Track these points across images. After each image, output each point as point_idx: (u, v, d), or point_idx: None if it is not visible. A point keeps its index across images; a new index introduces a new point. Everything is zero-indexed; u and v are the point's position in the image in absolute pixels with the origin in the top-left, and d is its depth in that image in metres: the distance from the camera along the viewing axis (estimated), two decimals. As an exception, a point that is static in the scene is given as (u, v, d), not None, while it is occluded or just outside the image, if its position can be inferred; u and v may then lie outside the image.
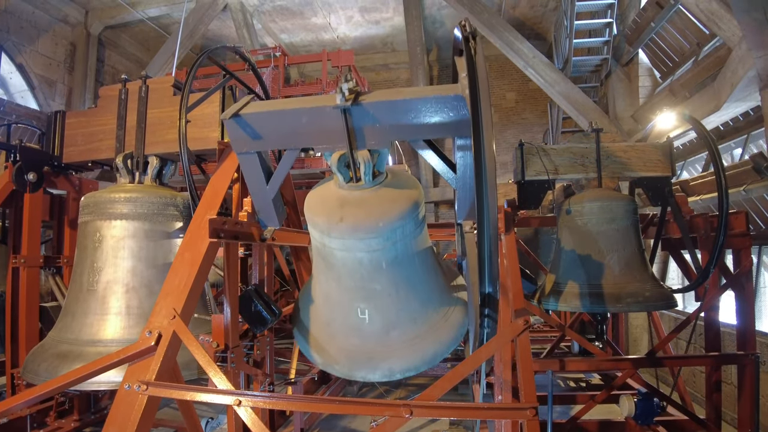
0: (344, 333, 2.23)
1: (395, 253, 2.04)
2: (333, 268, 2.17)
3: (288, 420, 5.07)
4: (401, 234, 2.01)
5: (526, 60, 9.55)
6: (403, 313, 2.13)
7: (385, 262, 2.04)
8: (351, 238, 2.00)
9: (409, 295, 2.13)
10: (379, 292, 2.12)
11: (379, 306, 2.14)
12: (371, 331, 2.15)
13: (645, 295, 3.38)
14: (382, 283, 2.11)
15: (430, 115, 1.85)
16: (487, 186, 1.43)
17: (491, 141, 1.43)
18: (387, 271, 2.06)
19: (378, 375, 2.15)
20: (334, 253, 2.11)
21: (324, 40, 13.92)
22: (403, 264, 2.08)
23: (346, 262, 2.10)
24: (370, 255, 2.02)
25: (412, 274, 2.13)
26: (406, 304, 2.13)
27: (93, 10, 11.60)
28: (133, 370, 2.43)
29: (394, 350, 2.13)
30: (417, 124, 1.88)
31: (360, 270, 2.08)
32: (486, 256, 1.46)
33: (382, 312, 2.15)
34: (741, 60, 5.06)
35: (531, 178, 3.96)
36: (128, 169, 3.65)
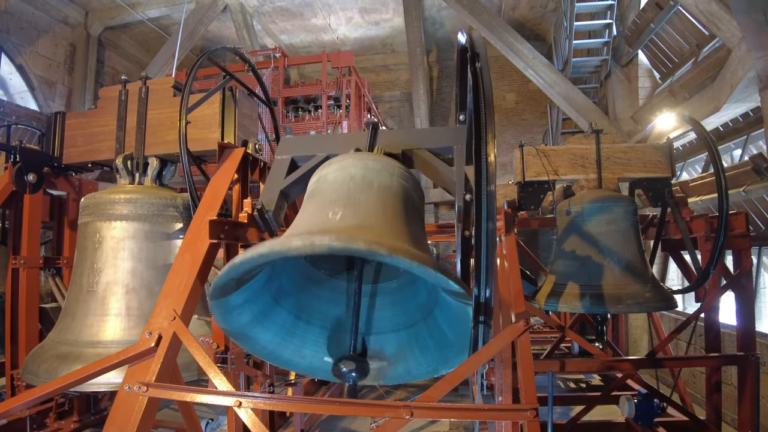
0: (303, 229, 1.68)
1: (390, 183, 1.86)
2: (318, 192, 1.88)
3: (288, 421, 5.06)
4: (400, 173, 1.92)
5: (525, 61, 9.56)
6: (384, 225, 1.67)
7: (377, 184, 1.82)
8: (350, 157, 1.93)
9: (397, 219, 1.73)
10: (363, 202, 1.73)
11: (358, 212, 1.69)
12: (339, 225, 1.62)
13: (645, 296, 3.38)
14: (368, 197, 1.76)
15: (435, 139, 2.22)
16: (485, 197, 1.45)
17: (493, 159, 1.48)
18: (377, 191, 1.80)
19: (328, 239, 1.40)
20: (326, 178, 1.89)
21: (324, 41, 13.94)
22: (397, 198, 1.83)
23: (336, 180, 1.85)
24: (364, 172, 1.86)
25: (404, 212, 1.79)
26: (391, 223, 1.70)
27: (93, 11, 11.61)
28: (133, 371, 2.42)
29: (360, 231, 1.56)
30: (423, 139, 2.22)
31: (349, 183, 1.81)
32: (483, 263, 1.46)
33: (360, 217, 1.67)
34: (740, 61, 5.06)
35: (531, 179, 3.97)
36: (128, 170, 3.65)
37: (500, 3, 11.88)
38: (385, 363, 1.96)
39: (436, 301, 1.85)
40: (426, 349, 1.92)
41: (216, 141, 3.57)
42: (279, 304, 1.96)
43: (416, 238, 1.70)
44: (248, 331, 1.88)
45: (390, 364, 1.97)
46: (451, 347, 1.83)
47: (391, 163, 1.94)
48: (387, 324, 2.03)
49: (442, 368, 1.90)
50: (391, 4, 12.22)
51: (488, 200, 1.47)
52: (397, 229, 1.66)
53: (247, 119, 3.89)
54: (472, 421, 4.49)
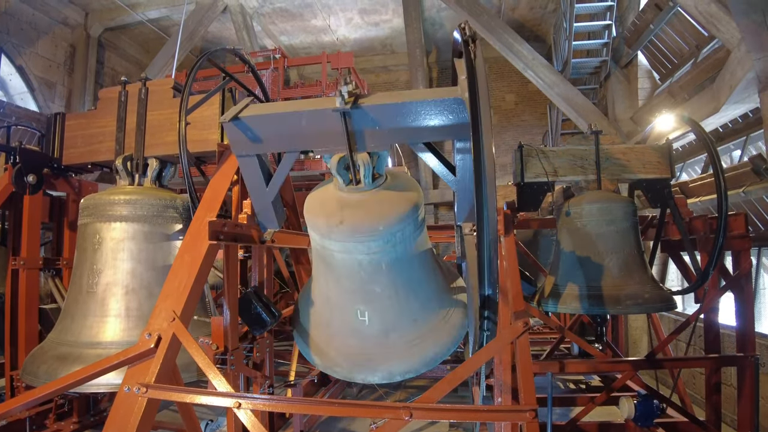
0: (344, 334, 2.22)
1: (395, 255, 2.03)
2: (333, 270, 2.17)
3: (288, 422, 5.06)
4: (401, 236, 2.01)
5: (525, 62, 9.56)
6: (402, 315, 2.12)
7: (384, 264, 2.03)
8: (351, 240, 2.00)
9: (409, 296, 2.12)
10: (379, 294, 2.11)
11: (378, 308, 2.13)
12: (371, 333, 2.14)
13: (644, 296, 3.38)
14: (381, 285, 2.10)
15: (429, 117, 1.85)
16: (486, 189, 1.43)
17: (490, 144, 1.43)
18: (387, 273, 2.06)
19: (378, 377, 2.14)
20: (333, 255, 2.11)
21: (323, 42, 13.94)
22: (403, 266, 2.08)
23: (346, 264, 2.09)
24: (369, 257, 2.01)
25: (412, 276, 2.12)
26: (406, 305, 2.12)
27: (93, 12, 11.61)
28: (132, 372, 2.42)
29: (393, 352, 2.11)
30: (416, 126, 1.88)
31: (360, 272, 2.07)
32: (485, 259, 1.46)
33: (382, 314, 2.14)
34: (740, 62, 5.07)
35: (530, 180, 3.97)
36: (128, 171, 3.65)
37: (500, 4, 11.89)
38: None
39: None
40: None
41: (216, 142, 3.58)
42: None
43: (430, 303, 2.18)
44: None
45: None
46: None
47: (390, 230, 1.98)
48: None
49: None
50: (390, 5, 12.23)
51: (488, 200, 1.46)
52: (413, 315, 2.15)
53: (247, 120, 3.89)
54: (471, 422, 4.49)
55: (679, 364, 4.57)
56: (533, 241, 6.93)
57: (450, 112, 1.83)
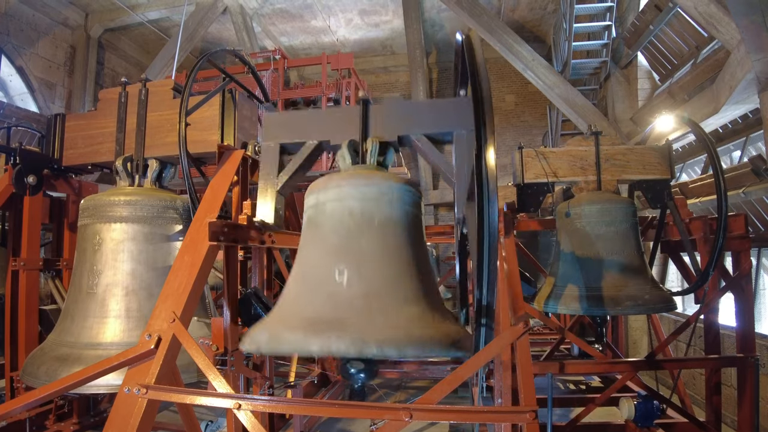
0: (311, 299, 1.77)
1: (390, 212, 1.88)
2: (318, 226, 1.94)
3: (288, 423, 5.06)
4: (398, 195, 1.92)
5: (525, 63, 9.57)
6: (390, 280, 1.75)
7: (377, 220, 1.86)
8: (347, 185, 1.92)
9: (401, 264, 1.79)
10: (365, 250, 1.80)
11: (363, 269, 1.76)
12: (347, 296, 1.69)
13: (644, 297, 3.39)
14: (370, 240, 1.82)
15: (432, 114, 2.14)
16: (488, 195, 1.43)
17: (492, 149, 1.46)
18: (378, 229, 1.85)
19: (344, 344, 1.52)
20: (324, 208, 1.95)
21: (323, 43, 13.95)
22: (397, 230, 1.87)
23: (335, 215, 1.90)
24: (362, 205, 1.87)
25: (406, 246, 1.86)
26: (397, 271, 1.77)
27: (93, 13, 11.62)
28: (132, 373, 2.42)
29: (372, 316, 1.64)
30: (420, 120, 2.15)
31: (349, 222, 1.86)
32: (484, 264, 1.45)
33: (366, 275, 1.74)
34: (739, 63, 5.07)
35: (530, 181, 3.97)
36: (128, 172, 3.65)
37: (500, 5, 11.90)
38: None
39: None
40: None
41: (216, 143, 3.58)
42: None
43: (421, 283, 1.79)
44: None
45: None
46: None
47: (389, 185, 1.93)
48: None
49: None
50: (390, 6, 12.24)
51: (489, 205, 1.46)
52: (403, 285, 1.75)
53: (247, 121, 3.90)
54: (471, 423, 4.49)
55: (679, 364, 4.57)
56: (533, 242, 6.93)
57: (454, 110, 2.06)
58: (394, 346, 1.51)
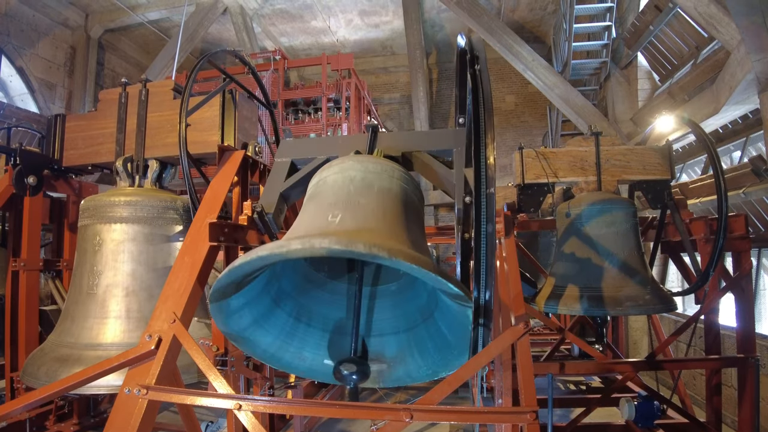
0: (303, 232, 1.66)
1: (390, 185, 1.89)
2: (318, 195, 1.89)
3: (288, 423, 5.06)
4: (399, 175, 1.94)
5: (525, 63, 9.58)
6: (383, 229, 1.66)
7: (377, 186, 1.85)
8: (350, 160, 1.94)
9: (397, 223, 1.72)
10: (363, 205, 1.74)
11: (357, 214, 1.68)
12: (338, 229, 1.60)
13: (645, 298, 3.38)
14: (368, 199, 1.77)
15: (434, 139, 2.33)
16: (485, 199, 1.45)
17: (491, 154, 1.48)
18: (378, 194, 1.83)
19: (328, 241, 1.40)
20: (326, 181, 1.92)
21: (324, 44, 13.96)
22: (397, 200, 1.85)
23: (336, 183, 1.87)
24: (363, 175, 1.88)
25: (404, 215, 1.81)
26: (391, 227, 1.69)
27: (93, 14, 11.63)
28: (133, 374, 2.42)
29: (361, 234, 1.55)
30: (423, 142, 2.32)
31: (349, 186, 1.84)
32: (482, 265, 1.46)
33: (360, 220, 1.65)
34: (739, 63, 5.07)
35: (530, 182, 3.97)
36: (128, 172, 3.66)
37: (499, 5, 11.90)
38: (384, 365, 1.97)
39: (435, 303, 1.85)
40: (426, 352, 1.92)
41: (216, 143, 3.58)
42: (279, 307, 1.96)
43: (416, 242, 1.72)
44: (248, 334, 1.88)
45: (390, 366, 1.97)
46: (451, 350, 1.84)
47: (391, 165, 1.96)
48: (387, 326, 2.03)
49: (441, 371, 1.91)
50: (390, 7, 12.24)
51: (488, 203, 1.47)
52: (397, 233, 1.67)
53: (247, 122, 3.90)
54: (472, 423, 4.49)
55: (680, 365, 4.56)
56: (533, 242, 6.93)
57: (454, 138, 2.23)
58: (384, 251, 1.38)
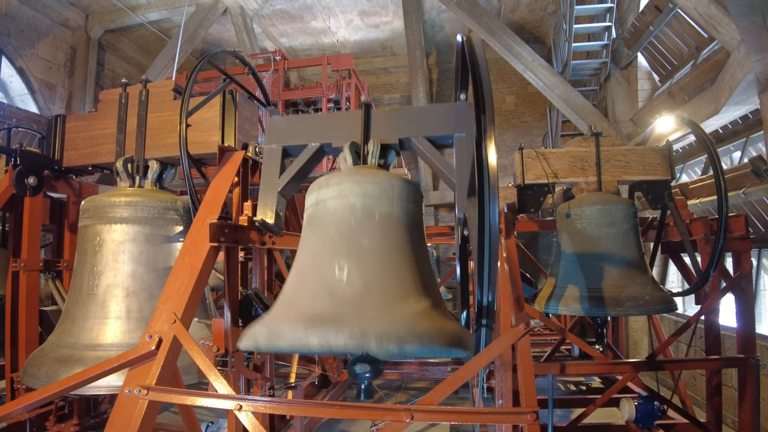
0: (311, 295, 1.72)
1: (390, 210, 1.88)
2: (320, 221, 1.93)
3: (288, 424, 5.06)
4: (399, 193, 1.93)
5: (525, 63, 9.58)
6: (392, 275, 1.72)
7: (378, 215, 1.85)
8: (348, 181, 1.91)
9: (402, 260, 1.76)
10: (366, 247, 1.77)
11: (363, 263, 1.72)
12: (347, 291, 1.65)
13: (645, 298, 3.38)
14: (371, 237, 1.80)
15: (433, 118, 2.14)
16: (488, 196, 1.43)
17: (493, 147, 1.46)
18: (379, 224, 1.84)
19: (343, 338, 1.49)
20: (326, 205, 1.94)
21: (324, 44, 13.96)
22: (399, 226, 1.87)
23: (337, 211, 1.89)
24: (363, 201, 1.86)
25: (407, 242, 1.86)
26: (399, 266, 1.74)
27: (93, 14, 11.63)
28: (133, 374, 2.43)
29: (373, 309, 1.60)
30: (421, 123, 2.15)
31: (350, 218, 1.84)
32: (485, 265, 1.45)
33: (366, 271, 1.70)
34: (739, 63, 5.08)
35: (531, 182, 3.97)
36: (128, 173, 3.66)
37: (499, 6, 11.91)
38: None
39: None
40: None
41: (216, 144, 3.58)
42: None
43: (422, 278, 1.78)
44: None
45: None
46: None
47: (389, 181, 1.93)
48: None
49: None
50: (390, 7, 12.25)
51: (490, 205, 1.46)
52: (404, 279, 1.73)
53: (248, 122, 3.90)
54: (472, 424, 4.49)
55: (680, 365, 4.56)
56: (533, 243, 6.94)
57: (454, 114, 2.04)
58: (394, 341, 1.47)
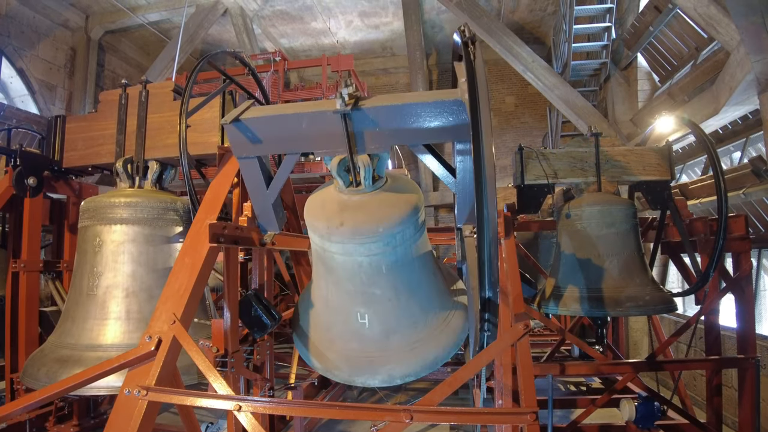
0: (344, 338, 2.23)
1: (395, 258, 2.04)
2: (333, 273, 2.18)
3: (288, 425, 5.05)
4: (401, 238, 2.01)
5: (525, 64, 9.58)
6: (403, 318, 2.14)
7: (384, 267, 2.04)
8: (351, 242, 2.00)
9: (409, 299, 2.14)
10: (379, 296, 2.12)
11: (378, 310, 2.14)
12: (371, 336, 2.16)
13: (645, 298, 3.38)
14: (381, 288, 2.11)
15: (430, 119, 1.86)
16: (486, 191, 1.43)
17: (490, 146, 1.43)
18: (387, 275, 2.07)
19: (378, 380, 2.15)
20: (334, 258, 2.11)
21: (324, 45, 13.97)
22: (403, 268, 2.09)
23: (346, 266, 2.10)
24: (369, 259, 2.02)
25: (413, 278, 2.14)
26: (407, 308, 2.14)
27: (93, 15, 11.63)
28: (133, 375, 2.42)
29: (394, 355, 2.14)
30: (417, 128, 1.89)
31: (360, 274, 2.08)
32: (486, 260, 1.46)
33: (382, 316, 2.15)
34: (739, 64, 5.08)
35: (530, 182, 3.97)
36: (128, 173, 3.66)
37: (499, 6, 11.91)
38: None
39: None
40: None
41: (216, 145, 3.58)
42: None
43: (429, 306, 2.19)
44: None
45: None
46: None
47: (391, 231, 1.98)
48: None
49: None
50: (390, 8, 12.25)
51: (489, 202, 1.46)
52: (412, 316, 2.14)
53: (247, 123, 3.89)
54: (472, 424, 4.48)
55: (680, 366, 4.56)
56: (533, 243, 6.93)
57: (450, 113, 1.84)
58: (413, 374, 2.12)
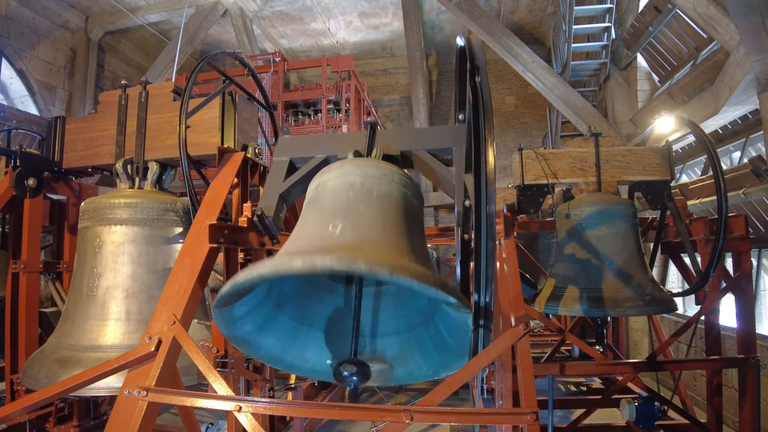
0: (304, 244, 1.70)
1: (390, 189, 1.87)
2: (318, 201, 1.90)
3: (288, 425, 5.06)
4: (399, 179, 1.94)
5: (525, 64, 9.59)
6: (384, 239, 1.67)
7: (377, 192, 1.84)
8: (350, 164, 1.93)
9: (396, 231, 1.73)
10: (363, 213, 1.74)
11: (358, 223, 1.69)
12: (339, 240, 1.62)
13: (645, 298, 3.38)
14: (369, 206, 1.78)
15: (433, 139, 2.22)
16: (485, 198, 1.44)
17: (492, 157, 1.47)
18: (377, 199, 1.82)
19: (330, 260, 1.44)
20: (326, 186, 1.91)
21: (323, 45, 13.98)
22: (397, 205, 1.85)
23: (336, 188, 1.87)
24: (363, 179, 1.86)
25: (404, 222, 1.81)
26: (392, 235, 1.70)
27: (93, 16, 11.65)
28: (132, 376, 2.42)
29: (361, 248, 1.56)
30: (422, 140, 2.23)
31: (348, 192, 1.83)
32: (482, 266, 1.46)
33: (360, 230, 1.66)
34: (739, 64, 5.08)
35: (530, 183, 3.97)
36: (128, 174, 3.66)
37: (499, 6, 11.92)
38: (386, 365, 1.98)
39: (436, 306, 1.86)
40: (426, 353, 1.93)
41: (216, 145, 3.58)
42: (281, 311, 1.97)
43: (416, 250, 1.71)
44: (252, 338, 1.89)
45: (391, 366, 1.98)
46: (451, 352, 1.85)
47: (391, 169, 1.95)
48: (388, 327, 2.03)
49: (442, 371, 1.92)
50: (390, 9, 12.26)
51: (488, 205, 1.47)
52: (397, 241, 1.67)
53: (247, 123, 3.90)
54: (472, 425, 4.48)
55: (680, 366, 4.56)
56: (533, 243, 6.93)
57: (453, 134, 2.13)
58: (386, 267, 1.39)
